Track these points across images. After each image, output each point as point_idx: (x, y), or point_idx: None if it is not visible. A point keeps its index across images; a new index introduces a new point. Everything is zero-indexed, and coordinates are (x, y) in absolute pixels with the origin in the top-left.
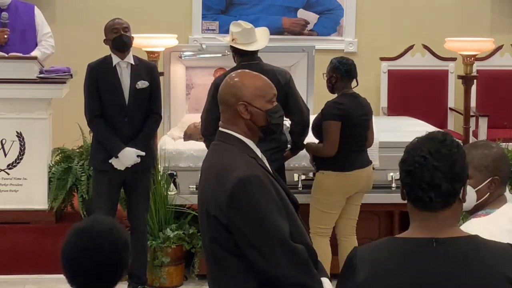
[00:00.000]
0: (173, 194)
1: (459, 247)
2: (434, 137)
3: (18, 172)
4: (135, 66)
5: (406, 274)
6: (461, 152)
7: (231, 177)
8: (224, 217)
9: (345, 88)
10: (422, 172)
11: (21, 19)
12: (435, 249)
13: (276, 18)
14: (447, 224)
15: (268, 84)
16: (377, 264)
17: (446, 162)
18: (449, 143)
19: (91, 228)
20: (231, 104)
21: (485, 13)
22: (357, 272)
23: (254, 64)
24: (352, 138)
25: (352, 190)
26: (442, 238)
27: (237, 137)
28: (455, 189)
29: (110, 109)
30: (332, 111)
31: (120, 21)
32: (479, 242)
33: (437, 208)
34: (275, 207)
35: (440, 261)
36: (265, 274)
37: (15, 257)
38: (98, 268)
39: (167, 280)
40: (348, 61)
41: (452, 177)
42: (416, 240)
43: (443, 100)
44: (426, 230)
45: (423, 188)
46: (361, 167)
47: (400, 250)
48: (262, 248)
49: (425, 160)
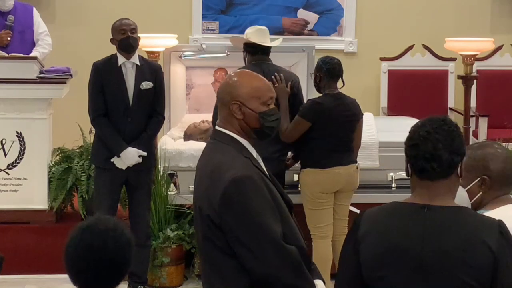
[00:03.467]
0: (173, 194)
1: (447, 214)
2: (436, 118)
3: (18, 172)
4: (140, 67)
5: (398, 233)
6: (459, 131)
7: (224, 177)
8: (217, 217)
9: (330, 87)
10: (426, 144)
11: (20, 20)
12: (426, 214)
13: (276, 18)
14: (442, 193)
15: (266, 86)
16: (375, 222)
17: (447, 136)
18: (448, 122)
19: (97, 226)
20: (226, 103)
21: (485, 13)
22: (359, 228)
23: (264, 63)
24: (333, 138)
25: (332, 187)
26: (434, 205)
27: (232, 136)
28: (454, 161)
29: (114, 109)
30: (307, 110)
31: (128, 22)
32: (466, 212)
33: (436, 177)
34: (268, 208)
35: (428, 224)
36: (257, 274)
37: (15, 257)
38: (102, 267)
39: (167, 280)
40: (332, 60)
41: (452, 150)
42: (412, 205)
43: (443, 100)
44: (423, 198)
45: (427, 158)
46: (339, 164)
47: (397, 212)
48: (253, 248)
49: (429, 134)
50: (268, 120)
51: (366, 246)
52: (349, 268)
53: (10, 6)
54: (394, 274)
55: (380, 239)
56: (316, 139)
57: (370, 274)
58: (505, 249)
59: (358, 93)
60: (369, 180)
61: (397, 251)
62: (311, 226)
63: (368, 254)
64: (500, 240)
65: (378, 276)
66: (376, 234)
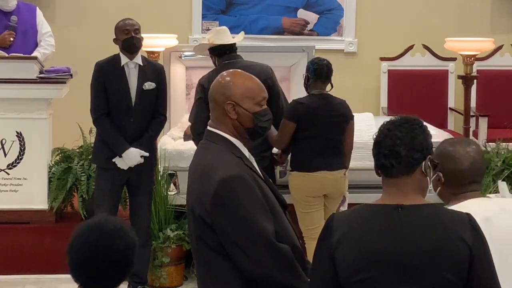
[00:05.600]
0: (173, 194)
1: (422, 213)
2: (402, 117)
3: (18, 172)
4: (142, 67)
5: (374, 235)
6: (423, 130)
7: (215, 177)
8: (209, 217)
9: (316, 88)
10: (385, 141)
11: (23, 20)
12: (400, 214)
13: (276, 18)
14: (411, 193)
15: (259, 87)
16: (349, 226)
17: (407, 134)
18: (411, 121)
19: (106, 226)
20: (220, 103)
21: (485, 13)
22: (332, 233)
23: (233, 62)
24: (318, 140)
25: (318, 192)
26: (406, 204)
27: (224, 136)
28: (414, 158)
29: (116, 109)
30: (289, 111)
31: (132, 22)
32: (439, 209)
33: (398, 174)
34: (260, 207)
35: (404, 225)
36: (249, 273)
37: (15, 257)
38: (107, 266)
39: (167, 280)
40: (321, 61)
41: (412, 147)
42: (384, 206)
43: (443, 100)
44: (393, 197)
45: (385, 154)
46: (327, 169)
47: (370, 215)
48: (245, 247)
49: (389, 131)
50: (261, 120)
51: (342, 251)
52: (324, 274)
53: (13, 6)
54: (375, 277)
55: (357, 243)
56: (301, 140)
57: (348, 279)
58: (478, 242)
59: (358, 93)
60: (369, 180)
61: (377, 253)
62: (303, 227)
63: (345, 259)
64: (473, 233)
65: (358, 280)
66: (352, 238)
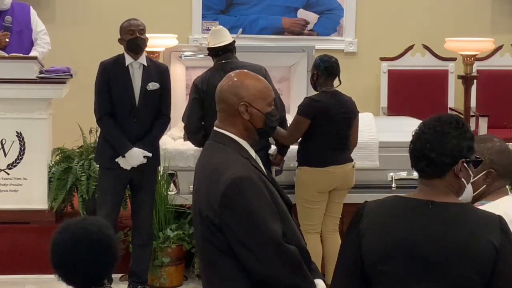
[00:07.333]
0: (173, 194)
1: (451, 211)
2: (439, 117)
3: (18, 172)
4: (147, 67)
5: (401, 227)
6: (458, 134)
7: (223, 177)
8: (217, 218)
9: (326, 85)
10: (416, 143)
11: (18, 20)
12: (430, 210)
13: (276, 18)
14: (443, 192)
15: (268, 87)
16: (378, 215)
17: (438, 138)
18: (447, 123)
19: (91, 225)
20: (232, 104)
21: (485, 13)
22: (362, 220)
23: (229, 62)
24: (330, 136)
25: (328, 186)
26: (437, 201)
27: (231, 137)
28: (444, 163)
29: (120, 109)
30: (305, 108)
31: (137, 23)
32: (469, 208)
33: (428, 176)
34: (268, 208)
35: (433, 221)
36: (257, 274)
37: (15, 257)
38: (89, 264)
39: (167, 280)
40: (330, 59)
41: (442, 152)
42: (415, 200)
43: (443, 100)
44: (425, 194)
45: (417, 157)
46: (337, 163)
47: (400, 207)
48: (254, 248)
49: (422, 133)
50: (272, 121)
51: (368, 240)
52: (350, 258)
53: (8, 5)
54: (397, 269)
55: (383, 234)
56: (315, 136)
57: (372, 267)
58: (506, 244)
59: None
60: (369, 180)
61: (401, 246)
62: (302, 222)
63: (371, 248)
64: (502, 235)
65: (380, 270)
66: (379, 228)
